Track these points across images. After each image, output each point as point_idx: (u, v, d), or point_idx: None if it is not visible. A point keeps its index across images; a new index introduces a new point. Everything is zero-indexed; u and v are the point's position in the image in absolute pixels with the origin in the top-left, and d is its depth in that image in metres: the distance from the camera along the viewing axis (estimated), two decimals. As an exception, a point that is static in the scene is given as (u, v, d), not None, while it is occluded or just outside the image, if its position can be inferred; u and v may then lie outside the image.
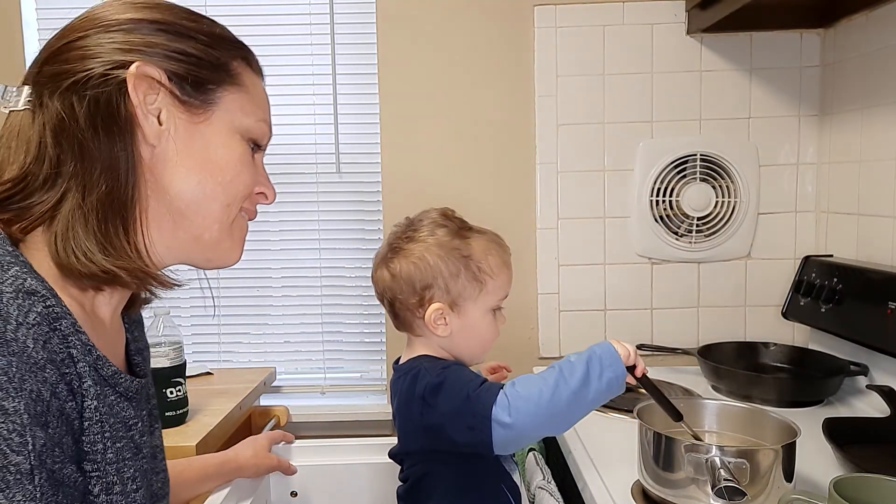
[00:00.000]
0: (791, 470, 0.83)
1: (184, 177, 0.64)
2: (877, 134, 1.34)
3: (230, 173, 0.66)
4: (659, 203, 1.57)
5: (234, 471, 1.04)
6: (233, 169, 0.67)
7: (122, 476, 0.59)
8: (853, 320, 1.27)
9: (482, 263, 0.92)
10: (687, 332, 1.60)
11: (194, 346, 1.69)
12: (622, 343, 0.85)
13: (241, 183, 0.67)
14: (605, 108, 1.57)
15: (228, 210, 0.67)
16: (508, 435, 0.81)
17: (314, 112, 1.66)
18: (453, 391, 0.85)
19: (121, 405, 0.62)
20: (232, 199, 0.67)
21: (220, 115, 0.66)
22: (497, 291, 0.94)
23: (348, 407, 1.68)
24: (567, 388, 0.80)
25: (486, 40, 1.58)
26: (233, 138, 0.67)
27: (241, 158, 0.67)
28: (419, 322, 0.93)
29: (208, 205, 0.65)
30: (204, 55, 0.65)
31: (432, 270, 0.90)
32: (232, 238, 0.69)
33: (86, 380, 0.56)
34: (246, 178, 0.68)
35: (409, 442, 0.94)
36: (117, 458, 0.59)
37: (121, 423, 0.61)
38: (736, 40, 1.55)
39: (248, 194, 0.69)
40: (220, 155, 0.66)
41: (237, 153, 0.67)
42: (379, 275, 0.94)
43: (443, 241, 0.91)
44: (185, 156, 0.64)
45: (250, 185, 0.69)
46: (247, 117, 0.68)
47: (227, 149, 0.66)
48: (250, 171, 0.69)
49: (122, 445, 0.60)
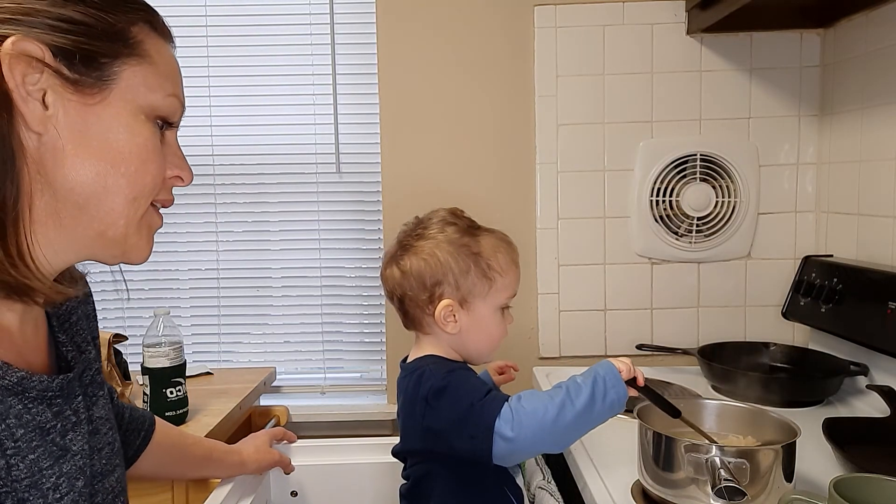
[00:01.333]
0: (791, 470, 0.83)
1: (79, 168, 0.55)
2: (877, 134, 1.34)
3: (135, 162, 0.58)
4: (659, 203, 1.56)
5: (237, 464, 1.04)
6: (138, 157, 0.58)
7: (39, 489, 0.54)
8: (853, 320, 1.27)
9: (491, 261, 0.93)
10: (687, 332, 1.60)
11: (194, 346, 1.69)
12: (620, 360, 0.87)
13: (148, 173, 0.59)
14: (605, 108, 1.57)
15: (135, 204, 0.59)
16: (508, 448, 0.82)
17: (314, 112, 1.66)
18: (457, 397, 0.85)
19: (34, 411, 0.56)
20: (139, 192, 0.59)
21: (120, 93, 0.57)
22: (506, 289, 0.94)
23: (348, 407, 1.67)
24: (572, 409, 0.81)
25: (487, 40, 1.58)
26: (136, 120, 0.58)
27: (148, 143, 0.59)
28: (429, 319, 0.93)
29: (111, 199, 0.57)
30: (96, 22, 0.55)
31: (442, 267, 0.91)
32: (140, 234, 0.61)
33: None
34: (154, 166, 0.59)
35: (410, 441, 0.94)
36: (31, 471, 0.54)
37: (33, 431, 0.56)
38: (736, 40, 1.55)
39: (158, 184, 0.61)
40: (121, 141, 0.57)
41: (142, 138, 0.58)
42: (389, 272, 0.95)
43: (452, 238, 0.92)
44: (78, 144, 0.55)
45: (160, 174, 0.61)
46: (152, 93, 0.59)
47: (129, 133, 0.57)
48: (158, 158, 0.60)
49: (36, 456, 0.55)
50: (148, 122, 0.59)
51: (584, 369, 0.89)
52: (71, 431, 0.61)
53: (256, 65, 1.64)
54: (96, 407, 0.67)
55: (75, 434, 0.61)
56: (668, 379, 1.40)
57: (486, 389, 0.86)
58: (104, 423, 0.68)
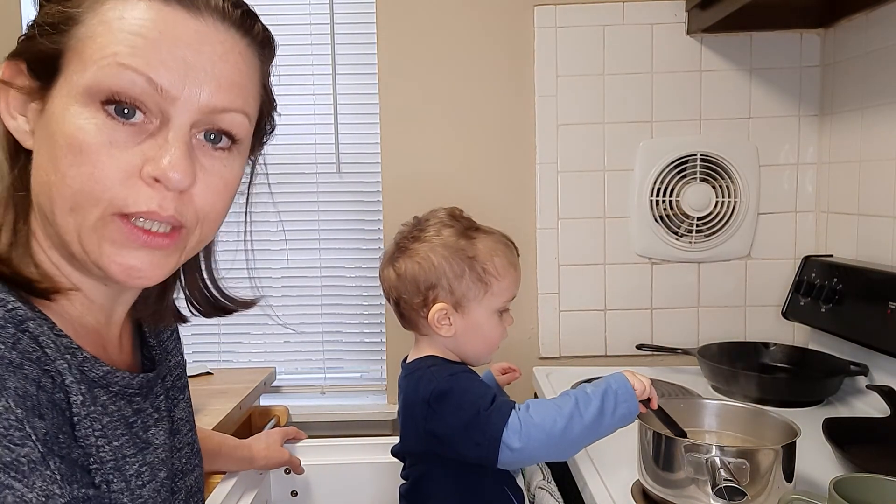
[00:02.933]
0: (791, 470, 0.83)
1: (41, 179, 0.51)
2: (877, 134, 1.34)
3: (64, 163, 0.49)
4: (659, 203, 1.56)
5: (246, 459, 1.04)
6: (69, 158, 0.48)
7: (122, 473, 0.57)
8: (853, 320, 1.27)
9: (487, 265, 0.91)
10: (687, 332, 1.60)
11: (194, 346, 1.69)
12: (638, 376, 0.85)
13: (83, 176, 0.48)
14: (605, 108, 1.57)
15: (75, 216, 0.50)
16: (514, 458, 0.82)
17: (314, 112, 1.66)
18: (462, 404, 0.84)
19: (117, 404, 0.58)
20: (75, 203, 0.49)
21: (61, 85, 0.50)
22: (503, 293, 0.93)
23: (348, 407, 1.67)
24: (581, 421, 0.81)
25: (486, 40, 1.58)
26: (66, 112, 0.49)
27: (87, 136, 0.48)
28: (423, 322, 0.93)
29: (56, 212, 0.51)
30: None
31: (436, 271, 0.90)
32: (114, 243, 0.51)
33: (66, 376, 0.52)
34: (91, 166, 0.48)
35: (411, 443, 0.94)
36: (115, 456, 0.56)
37: (118, 421, 0.58)
38: (736, 40, 1.55)
39: (107, 188, 0.49)
40: (60, 142, 0.49)
41: (73, 128, 0.48)
42: (385, 273, 0.95)
43: (448, 241, 0.91)
44: (43, 153, 0.51)
45: (110, 174, 0.49)
46: (87, 69, 0.48)
47: (63, 126, 0.49)
48: (104, 153, 0.49)
49: (120, 444, 0.57)
50: (83, 109, 0.49)
51: (583, 370, 0.89)
52: (153, 427, 0.63)
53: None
54: (177, 409, 0.70)
55: (157, 429, 0.63)
56: (669, 379, 1.41)
57: (491, 395, 0.85)
58: (185, 425, 0.71)
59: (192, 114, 0.51)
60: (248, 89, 0.56)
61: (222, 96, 0.53)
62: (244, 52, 0.55)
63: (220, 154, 0.55)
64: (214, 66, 0.52)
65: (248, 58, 0.56)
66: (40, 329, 0.51)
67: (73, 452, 0.50)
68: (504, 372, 1.15)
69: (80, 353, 0.55)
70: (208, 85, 0.52)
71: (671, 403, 1.02)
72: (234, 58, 0.54)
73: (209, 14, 0.52)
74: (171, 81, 0.50)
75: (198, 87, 0.51)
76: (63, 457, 0.48)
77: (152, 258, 0.53)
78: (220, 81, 0.52)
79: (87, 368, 0.55)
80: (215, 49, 0.52)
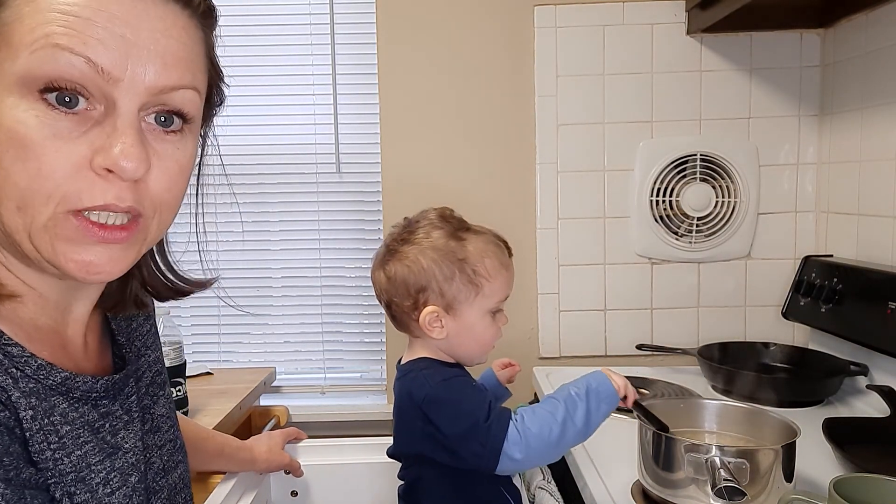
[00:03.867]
0: (791, 470, 0.83)
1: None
2: (876, 134, 1.34)
3: (6, 160, 0.45)
4: (659, 203, 1.56)
5: (247, 461, 1.04)
6: (11, 154, 0.45)
7: (87, 483, 0.54)
8: (853, 320, 1.27)
9: (478, 266, 0.90)
10: (687, 332, 1.60)
11: (194, 346, 1.69)
12: (615, 375, 0.87)
13: (29, 172, 0.45)
14: (605, 108, 1.57)
15: (24, 215, 0.47)
16: (515, 467, 0.84)
17: (314, 112, 1.66)
18: (459, 413, 0.84)
19: (80, 410, 0.55)
20: (22, 202, 0.47)
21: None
22: (494, 294, 0.92)
23: (348, 407, 1.67)
24: (573, 426, 0.83)
25: (486, 40, 1.58)
26: (2, 105, 0.45)
27: (29, 130, 0.45)
28: (415, 324, 0.92)
29: (2, 211, 0.48)
30: None
31: (426, 273, 0.89)
32: (69, 241, 0.49)
33: (11, 392, 0.49)
34: (36, 161, 0.45)
35: (406, 444, 0.94)
36: (76, 466, 0.53)
37: (81, 428, 0.55)
38: (736, 40, 1.55)
39: (57, 183, 0.46)
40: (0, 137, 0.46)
41: (11, 121, 0.45)
42: (376, 276, 0.94)
43: (437, 243, 0.90)
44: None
45: (59, 168, 0.46)
46: (18, 55, 0.45)
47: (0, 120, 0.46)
48: (49, 147, 0.46)
49: (83, 452, 0.54)
50: (21, 100, 0.46)
51: (583, 370, 0.89)
52: (122, 430, 0.61)
53: (256, 65, 1.64)
54: (157, 406, 0.68)
55: (127, 432, 0.61)
56: (669, 379, 1.41)
57: (487, 403, 0.85)
58: (166, 421, 0.69)
59: (139, 96, 0.48)
60: (195, 63, 0.53)
61: (169, 74, 0.50)
62: (187, 24, 0.51)
63: (173, 137, 0.53)
64: (157, 42, 0.48)
65: (192, 30, 0.52)
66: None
67: (24, 472, 0.47)
68: (504, 367, 1.14)
69: (34, 360, 0.52)
70: (153, 63, 0.48)
71: (671, 403, 1.02)
72: (177, 32, 0.50)
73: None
74: (113, 61, 0.46)
75: (142, 67, 0.48)
76: (8, 480, 0.45)
77: (111, 253, 0.50)
78: (166, 59, 0.49)
79: (43, 376, 0.52)
80: (155, 25, 0.48)
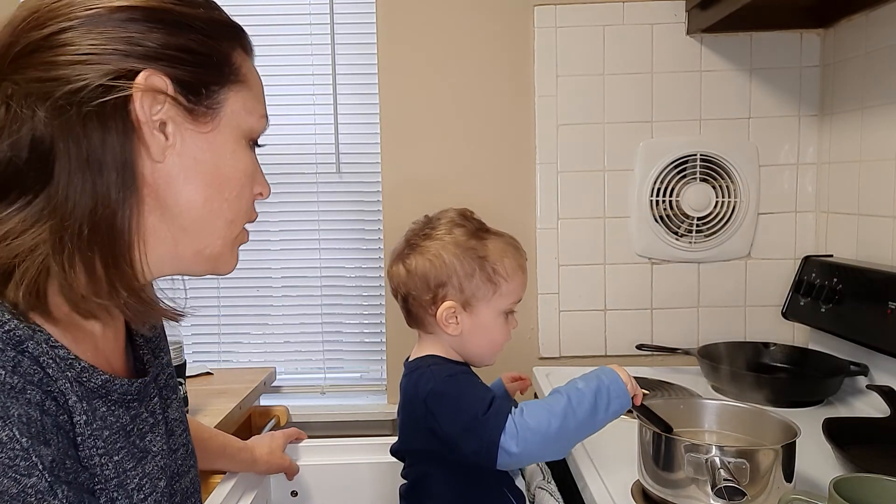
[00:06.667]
0: (791, 470, 0.83)
1: (191, 194, 0.57)
2: (876, 134, 1.34)
3: (236, 188, 0.60)
4: (659, 203, 1.56)
5: (248, 461, 1.05)
6: (239, 183, 0.60)
7: (125, 489, 0.56)
8: (853, 320, 1.27)
9: (497, 265, 0.92)
10: (687, 332, 1.60)
11: (194, 346, 1.69)
12: (624, 373, 0.86)
13: (244, 198, 0.62)
14: (605, 108, 1.57)
15: (232, 226, 0.61)
16: (513, 461, 0.83)
17: (314, 112, 1.66)
18: (460, 407, 0.85)
19: (116, 413, 0.58)
20: (236, 215, 0.61)
21: (227, 119, 0.59)
22: (510, 294, 0.94)
23: (348, 407, 1.67)
24: (575, 419, 0.82)
25: (486, 40, 1.58)
26: (239, 145, 0.60)
27: (247, 170, 0.61)
28: (431, 319, 0.93)
29: (213, 222, 0.59)
30: (205, 50, 0.57)
31: (447, 268, 0.91)
32: (233, 251, 0.64)
33: (69, 396, 0.52)
34: (249, 191, 0.62)
35: (410, 441, 0.94)
36: (117, 471, 0.55)
37: (117, 433, 0.57)
38: (736, 40, 1.55)
39: (250, 207, 0.64)
40: (228, 168, 0.59)
41: (244, 163, 0.61)
42: (394, 270, 0.95)
43: (460, 240, 0.92)
44: (190, 171, 0.57)
45: (252, 197, 0.63)
46: (250, 116, 0.61)
47: (234, 159, 0.60)
48: (254, 181, 0.63)
49: (120, 458, 0.57)
50: (247, 148, 0.61)
51: (583, 370, 0.89)
52: (149, 433, 0.62)
53: (256, 65, 1.64)
54: (171, 409, 0.70)
55: (154, 435, 0.63)
56: (669, 379, 1.41)
57: (489, 398, 0.85)
58: (178, 425, 0.71)
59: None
60: None
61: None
62: None
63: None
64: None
65: None
66: (39, 348, 0.51)
67: (80, 476, 0.50)
68: (514, 380, 1.15)
69: (79, 363, 0.54)
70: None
71: (671, 403, 1.02)
72: None
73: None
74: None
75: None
76: (70, 483, 0.48)
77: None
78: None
79: (86, 378, 0.55)
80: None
